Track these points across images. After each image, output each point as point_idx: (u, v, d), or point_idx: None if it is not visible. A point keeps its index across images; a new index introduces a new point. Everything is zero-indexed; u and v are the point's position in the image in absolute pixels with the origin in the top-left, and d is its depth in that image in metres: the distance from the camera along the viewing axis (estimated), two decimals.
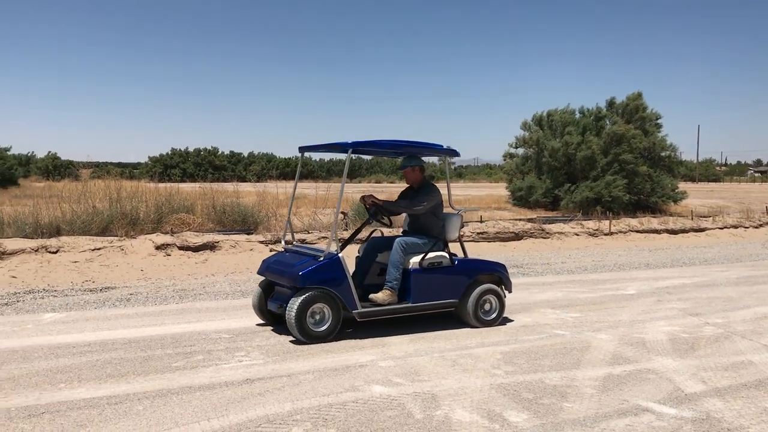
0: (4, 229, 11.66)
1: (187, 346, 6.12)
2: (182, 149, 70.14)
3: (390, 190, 30.23)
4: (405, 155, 7.11)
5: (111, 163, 58.73)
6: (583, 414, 4.46)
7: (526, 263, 12.52)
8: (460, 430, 4.15)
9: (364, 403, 4.63)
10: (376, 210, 6.89)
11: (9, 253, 10.41)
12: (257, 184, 22.64)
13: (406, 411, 4.48)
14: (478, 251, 13.27)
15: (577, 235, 16.42)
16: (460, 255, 7.31)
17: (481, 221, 16.33)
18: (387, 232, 10.20)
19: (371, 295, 6.55)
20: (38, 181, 44.17)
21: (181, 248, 11.52)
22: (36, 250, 10.61)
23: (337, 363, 5.61)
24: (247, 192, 19.04)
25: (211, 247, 11.85)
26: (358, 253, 7.25)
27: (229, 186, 18.33)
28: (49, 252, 10.62)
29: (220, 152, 72.52)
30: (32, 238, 11.15)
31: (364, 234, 8.88)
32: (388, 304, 6.51)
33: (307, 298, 6.15)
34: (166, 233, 12.16)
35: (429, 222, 6.96)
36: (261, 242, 12.51)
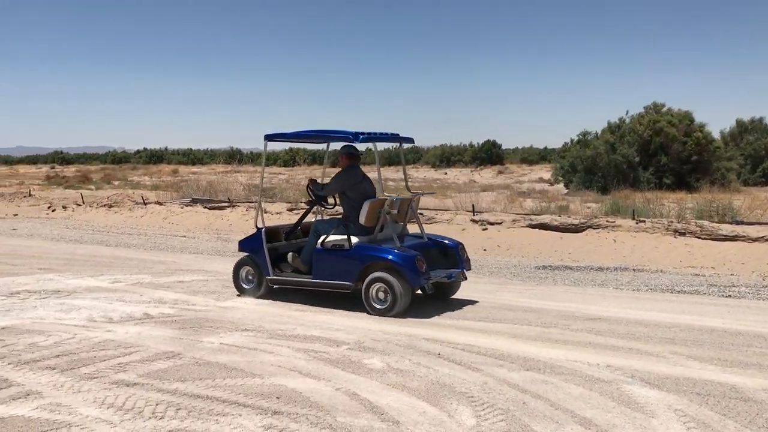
0: None
1: None
2: None
3: None
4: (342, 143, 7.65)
5: None
6: None
7: None
8: None
9: None
10: (311, 192, 7.69)
11: None
12: None
13: None
14: None
15: None
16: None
17: None
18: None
19: (289, 254, 7.49)
20: None
21: None
22: None
23: None
24: None
25: None
26: None
27: None
28: None
29: None
30: None
31: None
32: (297, 270, 7.39)
33: (239, 261, 7.88)
34: None
35: (342, 205, 7.40)
36: None
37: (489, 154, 58.94)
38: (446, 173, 47.86)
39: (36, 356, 5.35)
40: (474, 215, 14.34)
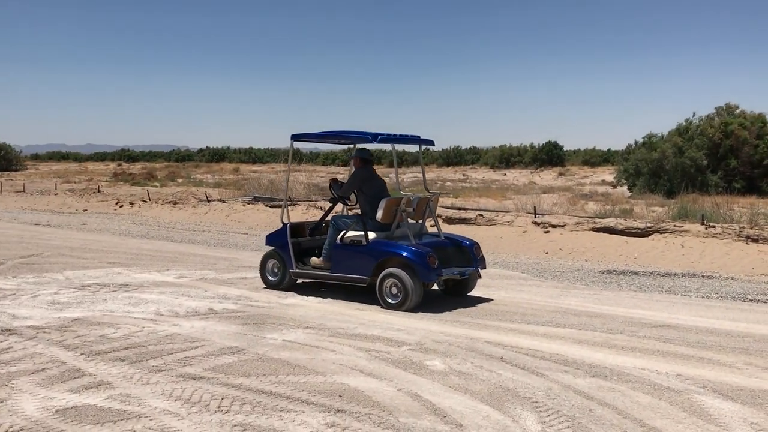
0: None
1: None
2: None
3: None
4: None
5: None
6: None
7: None
8: None
9: None
10: (332, 190, 8.20)
11: None
12: None
13: None
14: None
15: None
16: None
17: None
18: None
19: (312, 258, 7.97)
20: None
21: None
22: None
23: None
24: None
25: None
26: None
27: None
28: None
29: None
30: None
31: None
32: (319, 269, 7.76)
33: (266, 254, 8.31)
34: None
35: (359, 202, 7.86)
36: None
37: (549, 156, 58.03)
38: (505, 174, 47.37)
39: (106, 348, 5.51)
40: (535, 217, 14.14)
